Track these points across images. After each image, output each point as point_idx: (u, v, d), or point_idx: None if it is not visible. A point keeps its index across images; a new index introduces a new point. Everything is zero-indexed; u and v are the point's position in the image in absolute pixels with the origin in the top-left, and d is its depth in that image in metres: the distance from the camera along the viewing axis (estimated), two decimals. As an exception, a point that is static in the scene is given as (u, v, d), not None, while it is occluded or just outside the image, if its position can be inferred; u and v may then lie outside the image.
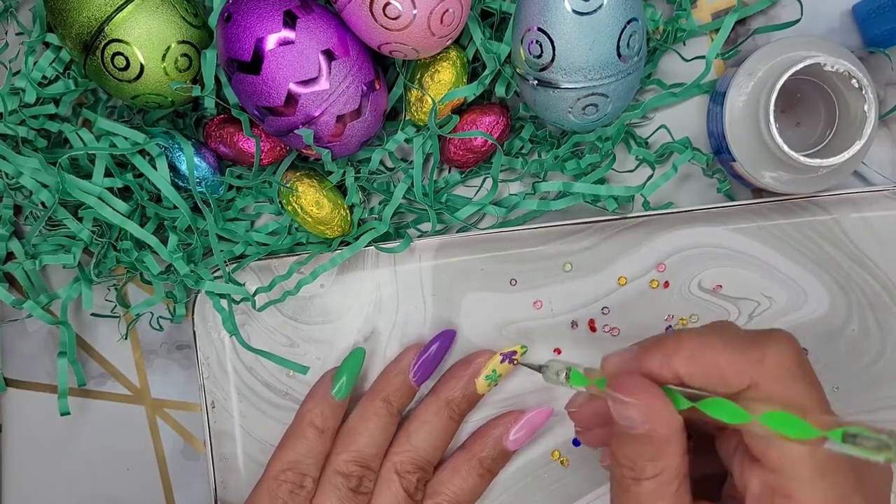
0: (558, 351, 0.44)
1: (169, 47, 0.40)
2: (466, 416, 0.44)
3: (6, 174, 0.43)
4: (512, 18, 0.40)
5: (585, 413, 0.36)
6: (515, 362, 0.43)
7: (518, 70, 0.41)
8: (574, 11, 0.37)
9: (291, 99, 0.38)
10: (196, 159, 0.43)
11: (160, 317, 0.47)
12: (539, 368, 0.37)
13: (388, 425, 0.42)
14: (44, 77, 0.44)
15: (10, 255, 0.46)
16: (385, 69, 0.44)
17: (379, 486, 0.42)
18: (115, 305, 0.47)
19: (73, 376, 0.46)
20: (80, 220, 0.44)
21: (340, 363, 0.43)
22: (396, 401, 0.43)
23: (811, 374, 0.32)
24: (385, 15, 0.38)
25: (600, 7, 0.37)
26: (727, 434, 0.33)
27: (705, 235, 0.44)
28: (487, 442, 0.43)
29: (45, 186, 0.43)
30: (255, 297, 0.43)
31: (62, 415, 0.44)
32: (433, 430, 0.42)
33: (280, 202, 0.44)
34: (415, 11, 0.37)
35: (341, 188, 0.45)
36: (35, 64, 0.44)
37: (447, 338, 0.43)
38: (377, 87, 0.41)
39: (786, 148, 0.39)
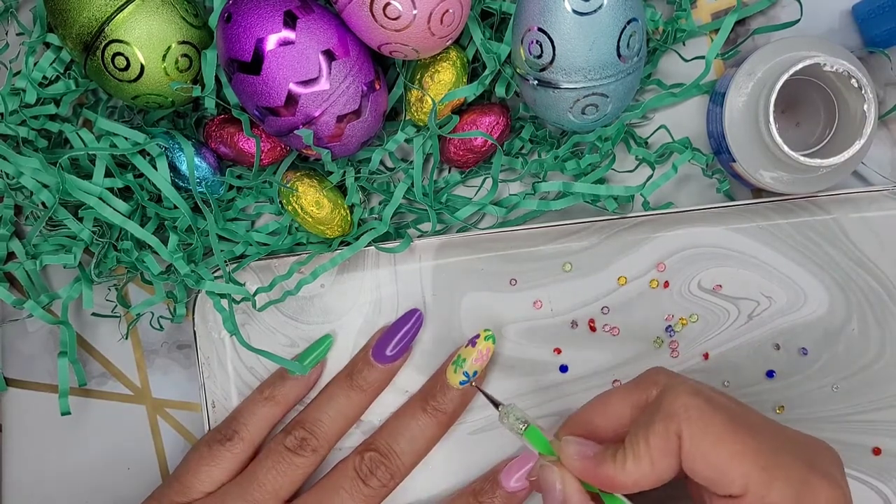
0: (558, 351, 0.44)
1: (169, 47, 0.40)
2: (453, 417, 0.43)
3: (7, 174, 0.43)
4: (512, 18, 0.40)
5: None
6: (487, 350, 0.42)
7: (518, 70, 0.41)
8: (574, 11, 0.37)
9: (291, 99, 0.38)
10: (196, 159, 0.43)
11: (161, 316, 0.47)
12: (497, 405, 0.38)
13: (342, 396, 0.43)
14: (44, 77, 0.44)
15: (10, 255, 0.46)
16: (385, 69, 0.44)
17: (338, 463, 0.42)
18: (116, 305, 0.47)
19: (73, 376, 0.46)
20: (80, 220, 0.44)
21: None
22: (358, 375, 0.43)
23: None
24: (385, 15, 0.38)
25: (600, 7, 0.37)
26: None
27: (705, 235, 0.44)
28: (488, 484, 0.42)
29: (45, 186, 0.43)
30: (256, 297, 0.43)
31: (63, 414, 0.44)
32: (407, 424, 0.42)
33: (280, 202, 0.45)
34: (415, 12, 0.37)
35: (341, 188, 0.45)
36: (35, 64, 0.44)
37: (410, 314, 0.43)
38: (377, 87, 0.41)
39: (786, 148, 0.39)
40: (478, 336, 0.41)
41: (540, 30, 0.38)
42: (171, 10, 0.40)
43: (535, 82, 0.40)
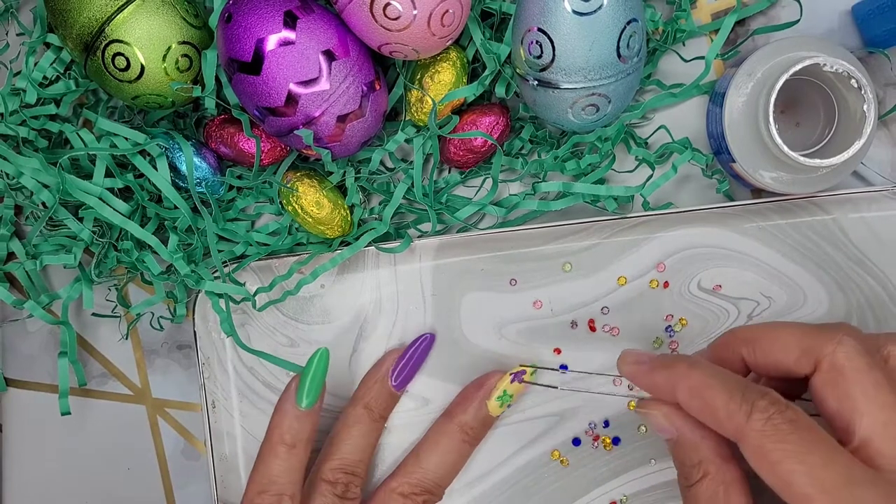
0: (558, 351, 0.44)
1: (169, 48, 0.40)
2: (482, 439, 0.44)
3: (7, 174, 0.43)
4: (512, 19, 0.40)
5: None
6: (525, 381, 0.42)
7: (518, 70, 0.41)
8: (574, 12, 0.37)
9: (292, 99, 0.38)
10: (196, 160, 0.43)
11: (161, 317, 0.47)
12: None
13: (370, 431, 0.43)
14: (44, 77, 0.44)
15: (10, 255, 0.46)
16: (385, 69, 0.44)
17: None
18: (116, 305, 0.47)
19: (73, 376, 0.46)
20: (80, 220, 0.44)
21: (304, 368, 0.40)
22: (377, 406, 0.43)
23: (809, 432, 0.30)
24: (385, 15, 0.38)
25: (600, 7, 0.37)
26: None
27: (705, 235, 0.44)
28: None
29: (45, 187, 0.43)
30: (256, 297, 0.43)
31: (63, 415, 0.44)
32: (444, 452, 0.42)
33: (280, 202, 0.45)
34: (415, 12, 0.37)
35: (341, 188, 0.45)
36: (36, 64, 0.44)
37: (425, 342, 0.44)
38: (377, 87, 0.41)
39: (785, 148, 0.39)
40: (523, 372, 0.42)
41: (540, 30, 0.38)
42: (172, 11, 0.40)
43: (535, 82, 0.40)
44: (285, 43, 0.38)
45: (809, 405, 0.33)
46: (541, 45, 0.38)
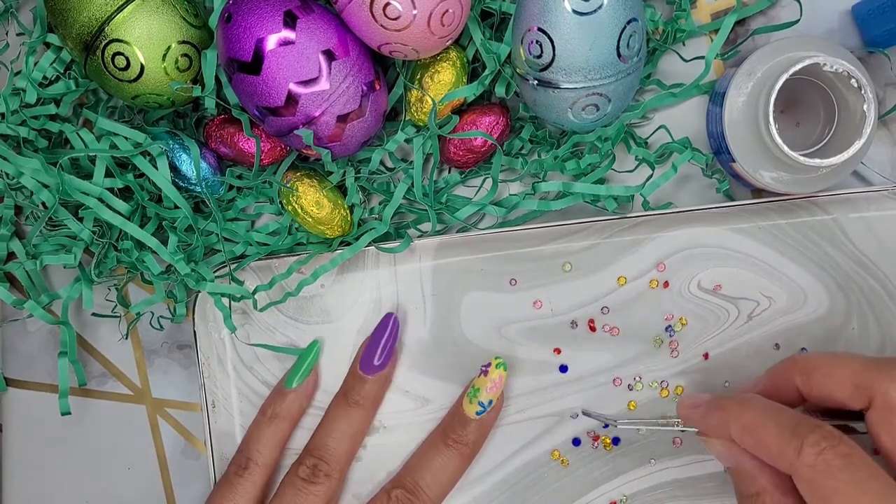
0: (558, 351, 0.44)
1: (169, 47, 0.40)
2: (475, 447, 0.43)
3: (7, 174, 0.43)
4: (512, 18, 0.40)
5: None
6: (486, 373, 0.42)
7: (518, 70, 0.41)
8: (574, 11, 0.37)
9: (292, 99, 0.38)
10: (196, 159, 0.43)
11: (161, 316, 0.47)
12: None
13: (344, 416, 0.43)
14: (44, 77, 0.44)
15: (11, 255, 0.46)
16: (385, 69, 0.44)
17: (367, 502, 0.43)
18: (116, 305, 0.47)
19: (73, 376, 0.46)
20: (80, 220, 0.44)
21: (301, 353, 0.44)
22: (351, 393, 0.43)
23: (862, 469, 0.30)
24: (385, 15, 0.38)
25: (600, 7, 0.37)
26: None
27: (705, 235, 0.44)
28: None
29: (45, 187, 0.43)
30: (256, 297, 0.43)
31: (63, 414, 0.44)
32: (430, 459, 0.43)
33: (280, 202, 0.45)
34: (415, 12, 0.37)
35: (341, 188, 0.45)
36: (36, 64, 0.44)
37: (386, 321, 0.43)
38: (377, 87, 0.41)
39: (785, 148, 0.39)
40: (489, 365, 0.41)
41: (540, 30, 0.38)
42: (171, 10, 0.40)
43: (535, 82, 0.40)
44: (285, 43, 0.38)
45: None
46: (541, 45, 0.38)
